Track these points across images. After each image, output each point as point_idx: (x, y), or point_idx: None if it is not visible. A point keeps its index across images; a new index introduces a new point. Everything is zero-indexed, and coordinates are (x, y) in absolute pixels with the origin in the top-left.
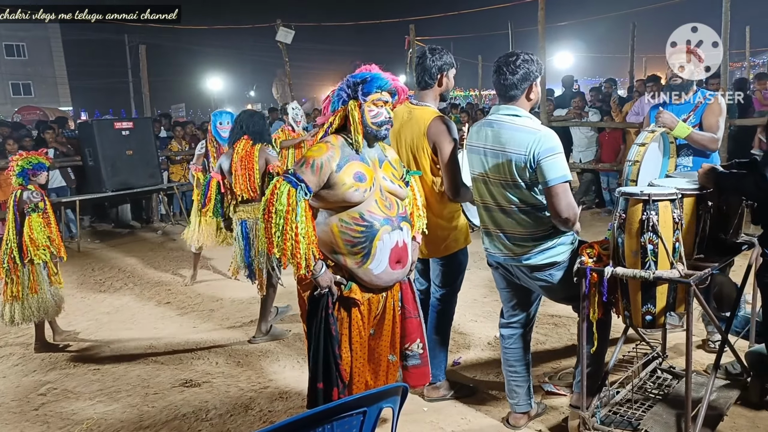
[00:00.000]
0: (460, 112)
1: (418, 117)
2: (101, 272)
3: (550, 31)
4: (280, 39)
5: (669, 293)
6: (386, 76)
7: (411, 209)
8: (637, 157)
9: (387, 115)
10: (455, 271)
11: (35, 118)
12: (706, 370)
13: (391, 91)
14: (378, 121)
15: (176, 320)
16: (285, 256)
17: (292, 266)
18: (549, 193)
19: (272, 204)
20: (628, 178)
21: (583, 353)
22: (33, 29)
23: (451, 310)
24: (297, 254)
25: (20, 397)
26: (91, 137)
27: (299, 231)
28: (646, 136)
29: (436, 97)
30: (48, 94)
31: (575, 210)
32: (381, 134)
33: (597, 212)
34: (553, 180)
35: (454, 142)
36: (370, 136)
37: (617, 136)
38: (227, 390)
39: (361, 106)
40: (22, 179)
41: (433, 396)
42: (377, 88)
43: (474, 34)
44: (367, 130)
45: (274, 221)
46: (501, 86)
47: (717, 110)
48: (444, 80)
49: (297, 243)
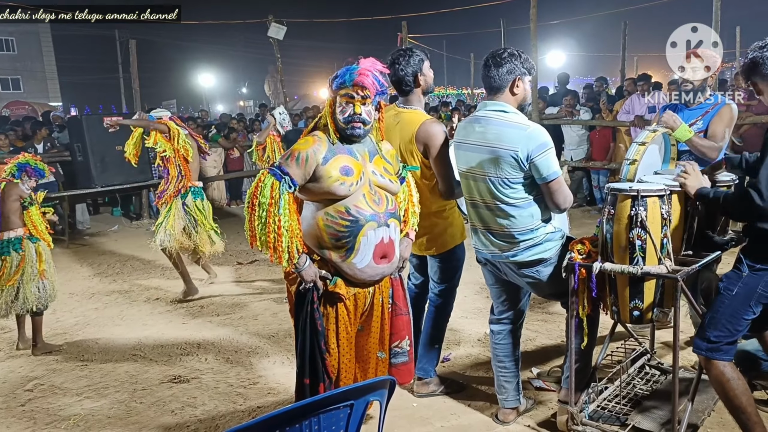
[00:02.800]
0: (450, 111)
1: (407, 121)
2: (90, 268)
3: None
4: (272, 35)
5: (657, 289)
6: (356, 71)
7: (406, 205)
8: (636, 156)
9: (352, 111)
10: (453, 267)
11: (24, 113)
12: (693, 366)
13: (358, 86)
14: (343, 117)
15: (165, 316)
16: (268, 248)
17: (274, 259)
18: (547, 189)
19: (255, 197)
20: (625, 179)
21: (571, 349)
22: (22, 24)
23: (450, 306)
24: (279, 247)
25: (6, 393)
26: (80, 132)
27: (282, 224)
28: (647, 135)
29: (420, 98)
30: (37, 90)
31: (571, 199)
32: (350, 132)
33: (587, 210)
34: (550, 176)
35: (446, 144)
36: (343, 135)
37: (608, 135)
38: (216, 386)
39: (334, 101)
40: (17, 171)
41: (423, 392)
42: (341, 84)
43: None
44: (337, 126)
45: (257, 213)
46: (487, 79)
47: (726, 119)
48: (421, 79)
49: (279, 236)
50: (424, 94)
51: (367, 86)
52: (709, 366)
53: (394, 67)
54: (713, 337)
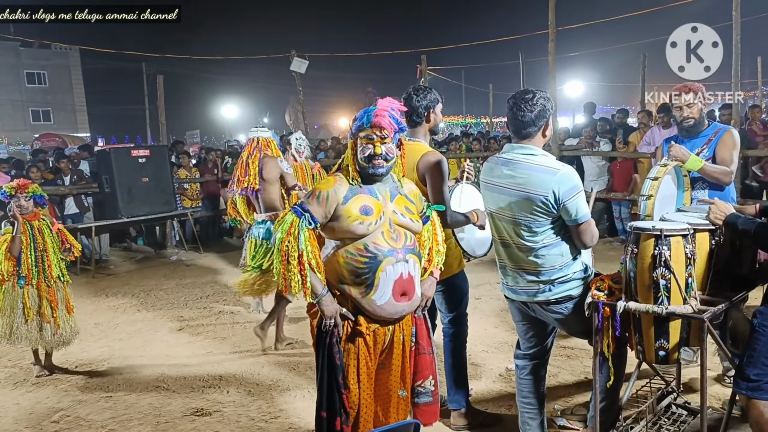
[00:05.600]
0: (471, 141)
1: (410, 151)
2: (114, 298)
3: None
4: (295, 69)
5: (682, 328)
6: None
7: (430, 244)
8: (651, 192)
9: (372, 151)
10: (457, 295)
11: (54, 146)
12: (722, 407)
13: (376, 127)
14: (364, 157)
15: (188, 347)
16: (284, 281)
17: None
18: (576, 230)
19: (276, 231)
20: (644, 214)
21: (596, 387)
22: (54, 58)
23: (464, 333)
24: (294, 279)
25: (33, 424)
26: (108, 165)
27: (303, 259)
28: (659, 170)
29: (426, 132)
30: (66, 121)
31: (597, 236)
32: (372, 171)
33: (609, 241)
34: (581, 218)
35: (443, 176)
36: (364, 174)
37: (629, 166)
38: (238, 419)
39: (355, 143)
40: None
41: (459, 424)
42: (359, 126)
43: (485, 65)
44: (358, 167)
45: (276, 246)
46: (518, 123)
47: (730, 144)
48: (431, 116)
49: (301, 270)
50: (432, 132)
51: (384, 126)
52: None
53: (411, 98)
54: (753, 375)
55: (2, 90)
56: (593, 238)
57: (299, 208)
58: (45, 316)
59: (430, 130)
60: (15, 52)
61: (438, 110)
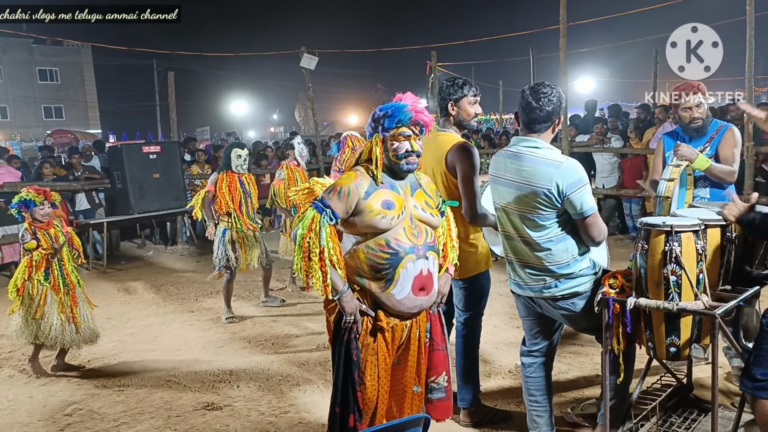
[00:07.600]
0: (480, 138)
1: (440, 142)
2: (126, 293)
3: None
4: (304, 65)
5: (693, 325)
6: (410, 109)
7: (444, 240)
8: (668, 193)
9: (409, 147)
10: (478, 295)
11: (66, 142)
12: (733, 404)
13: (414, 123)
14: (399, 154)
15: (199, 342)
16: (305, 277)
17: (311, 288)
18: (582, 223)
19: (297, 227)
20: (660, 215)
21: (606, 384)
22: (66, 55)
23: (477, 334)
24: (315, 275)
25: (46, 417)
26: (119, 161)
27: (324, 255)
28: (672, 170)
29: (451, 124)
30: (78, 118)
31: (605, 231)
32: (405, 167)
33: (620, 238)
34: (586, 212)
35: (473, 168)
36: (396, 169)
37: (639, 162)
38: (248, 414)
39: (384, 141)
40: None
41: (468, 421)
42: (397, 122)
43: (495, 60)
44: (389, 164)
45: (297, 243)
46: (529, 118)
47: (732, 142)
48: (451, 108)
49: (322, 266)
50: (458, 126)
51: (426, 123)
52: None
53: (441, 87)
54: (759, 375)
55: (15, 86)
56: (600, 233)
57: (320, 203)
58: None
59: (457, 123)
60: (28, 48)
61: (464, 105)
